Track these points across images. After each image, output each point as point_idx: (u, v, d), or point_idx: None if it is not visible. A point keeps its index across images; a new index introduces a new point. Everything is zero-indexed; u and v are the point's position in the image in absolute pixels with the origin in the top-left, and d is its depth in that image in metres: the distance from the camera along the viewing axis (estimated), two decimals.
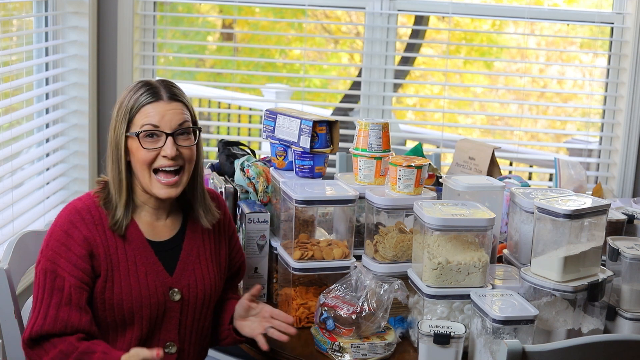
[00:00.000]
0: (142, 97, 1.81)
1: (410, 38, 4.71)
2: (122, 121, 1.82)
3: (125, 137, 1.82)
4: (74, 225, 1.79)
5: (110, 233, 1.81)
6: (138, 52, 3.40)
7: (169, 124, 1.81)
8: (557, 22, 4.01)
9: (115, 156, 1.84)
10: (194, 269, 1.89)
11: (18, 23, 2.91)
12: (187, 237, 1.92)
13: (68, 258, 1.76)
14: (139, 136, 1.80)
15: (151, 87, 1.83)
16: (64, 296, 1.75)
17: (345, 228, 2.16)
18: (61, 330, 1.74)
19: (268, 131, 2.44)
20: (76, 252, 1.77)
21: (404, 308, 2.01)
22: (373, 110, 3.48)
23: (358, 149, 2.28)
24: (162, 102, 1.81)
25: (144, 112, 1.80)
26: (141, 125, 1.80)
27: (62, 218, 1.81)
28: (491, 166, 2.82)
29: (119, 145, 1.83)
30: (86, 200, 1.84)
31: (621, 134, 3.36)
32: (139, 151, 1.81)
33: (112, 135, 1.85)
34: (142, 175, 1.83)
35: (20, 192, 2.78)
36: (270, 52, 5.95)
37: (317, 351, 1.92)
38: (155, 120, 1.80)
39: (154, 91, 1.82)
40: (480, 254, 1.92)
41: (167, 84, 1.86)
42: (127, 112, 1.82)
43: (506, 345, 1.58)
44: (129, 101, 1.82)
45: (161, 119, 1.80)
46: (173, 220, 1.92)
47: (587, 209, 1.90)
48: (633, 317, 1.97)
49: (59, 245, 1.77)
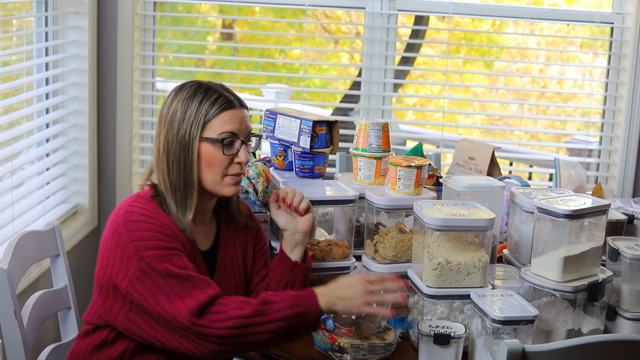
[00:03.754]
0: (219, 102, 1.83)
1: (410, 38, 4.71)
2: (195, 124, 1.82)
3: (198, 141, 1.82)
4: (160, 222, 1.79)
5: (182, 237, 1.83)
6: (138, 52, 3.40)
7: (245, 131, 1.86)
8: (557, 22, 4.01)
9: (183, 160, 1.83)
10: (228, 278, 1.93)
11: (18, 23, 2.91)
12: (221, 246, 1.95)
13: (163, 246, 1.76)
14: (220, 142, 1.82)
15: (221, 92, 1.85)
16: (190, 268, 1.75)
17: (345, 228, 2.16)
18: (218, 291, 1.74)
19: (268, 131, 2.44)
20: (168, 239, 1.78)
21: (404, 308, 2.01)
22: (373, 110, 3.48)
23: (358, 149, 2.28)
24: (237, 109, 1.85)
25: (223, 118, 1.83)
26: (220, 132, 1.82)
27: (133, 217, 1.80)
28: (491, 166, 2.82)
29: (190, 149, 1.82)
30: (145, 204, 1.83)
31: (621, 134, 3.36)
32: (216, 156, 1.83)
33: (177, 137, 1.82)
34: (213, 177, 1.84)
35: (20, 192, 2.78)
36: (270, 52, 5.95)
37: (317, 351, 1.92)
38: (235, 127, 1.83)
39: (228, 98, 1.85)
40: (480, 254, 1.92)
41: (229, 90, 1.89)
42: (201, 115, 1.82)
43: (506, 345, 1.58)
44: (200, 105, 1.83)
45: (239, 126, 1.84)
46: (210, 226, 1.96)
47: (587, 209, 1.90)
48: (633, 317, 1.97)
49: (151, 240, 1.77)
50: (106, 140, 3.38)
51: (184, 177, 1.83)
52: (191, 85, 1.87)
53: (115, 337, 1.83)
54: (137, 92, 3.43)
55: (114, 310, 1.80)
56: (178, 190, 1.83)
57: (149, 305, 1.72)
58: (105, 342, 1.84)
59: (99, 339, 1.85)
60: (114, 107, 3.36)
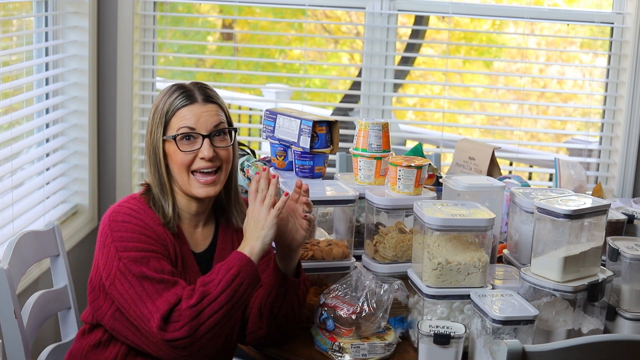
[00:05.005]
0: (177, 100, 1.84)
1: (410, 38, 4.71)
2: (159, 125, 1.84)
3: (162, 141, 1.84)
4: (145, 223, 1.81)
5: (169, 240, 1.83)
6: (138, 52, 3.40)
7: (205, 126, 1.84)
8: (557, 22, 4.01)
9: (154, 161, 1.86)
10: None
11: (18, 23, 2.90)
12: (218, 248, 1.95)
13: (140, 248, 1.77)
14: (175, 139, 1.82)
15: (185, 90, 1.86)
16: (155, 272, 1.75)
17: (345, 228, 2.16)
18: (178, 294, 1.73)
19: (268, 131, 2.44)
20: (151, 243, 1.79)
21: (404, 308, 2.01)
22: (373, 110, 3.48)
23: (358, 149, 2.28)
24: (197, 105, 1.84)
25: (180, 115, 1.83)
26: (177, 129, 1.83)
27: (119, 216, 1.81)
28: (491, 166, 2.82)
29: (157, 150, 1.85)
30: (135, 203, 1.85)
31: (621, 134, 3.36)
32: (177, 154, 1.83)
33: (149, 139, 1.86)
34: (181, 178, 1.85)
35: (20, 192, 2.78)
36: (270, 52, 5.95)
37: (317, 351, 1.92)
38: (191, 123, 1.83)
39: (188, 94, 1.84)
40: (480, 254, 1.92)
41: (201, 86, 1.88)
42: (162, 115, 1.84)
43: (506, 345, 1.58)
44: (164, 105, 1.85)
45: (197, 121, 1.83)
46: (208, 228, 1.95)
47: (587, 209, 1.90)
48: (633, 317, 1.97)
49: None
50: (106, 140, 3.38)
51: (158, 178, 1.86)
52: (169, 87, 1.89)
53: (108, 339, 1.85)
54: (137, 92, 3.43)
55: (102, 309, 1.82)
56: (158, 190, 1.86)
57: (128, 306, 1.74)
58: (100, 342, 1.86)
59: (94, 339, 1.87)
60: (114, 107, 3.36)
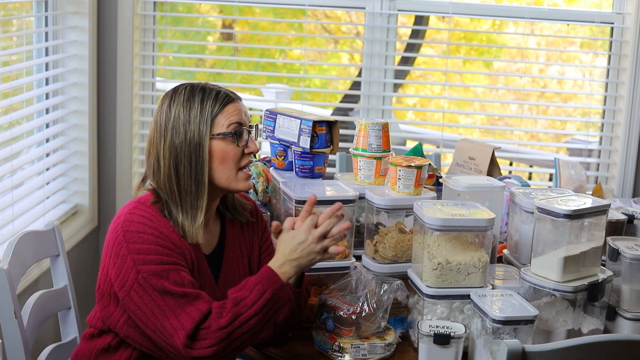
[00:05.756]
0: (220, 97, 1.84)
1: (410, 38, 4.71)
2: (204, 123, 1.81)
3: (209, 139, 1.82)
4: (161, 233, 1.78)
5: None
6: (138, 52, 3.40)
7: (248, 121, 1.88)
8: (557, 22, 4.01)
9: (194, 161, 1.81)
10: (233, 280, 1.92)
11: (18, 23, 2.90)
12: (227, 248, 1.94)
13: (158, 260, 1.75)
14: (231, 134, 1.82)
15: (215, 88, 1.86)
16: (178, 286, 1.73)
17: None
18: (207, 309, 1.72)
19: (268, 131, 2.44)
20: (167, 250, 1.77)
21: (404, 308, 2.01)
22: (373, 110, 3.48)
23: (358, 149, 2.28)
24: (237, 102, 1.86)
25: (228, 111, 1.83)
26: (228, 125, 1.83)
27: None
28: (491, 166, 2.82)
29: (202, 149, 1.81)
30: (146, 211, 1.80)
31: (621, 134, 3.36)
32: (229, 150, 1.83)
33: (185, 140, 1.80)
34: (227, 174, 1.84)
35: (20, 192, 2.78)
36: (270, 52, 5.95)
37: (317, 351, 1.92)
38: (239, 118, 1.85)
39: (226, 92, 1.86)
40: (480, 254, 1.92)
41: (220, 86, 1.89)
42: (208, 113, 1.81)
43: (506, 345, 1.58)
44: (202, 104, 1.82)
45: (243, 116, 1.86)
46: (214, 228, 1.94)
47: (587, 209, 1.90)
48: (633, 317, 1.97)
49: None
50: (106, 140, 3.38)
51: (195, 178, 1.81)
52: (184, 87, 1.86)
53: (118, 343, 1.84)
54: (137, 92, 3.43)
55: (114, 317, 1.80)
56: (189, 194, 1.81)
57: (146, 318, 1.72)
58: (110, 347, 1.84)
59: (103, 344, 1.85)
60: (114, 107, 3.36)
